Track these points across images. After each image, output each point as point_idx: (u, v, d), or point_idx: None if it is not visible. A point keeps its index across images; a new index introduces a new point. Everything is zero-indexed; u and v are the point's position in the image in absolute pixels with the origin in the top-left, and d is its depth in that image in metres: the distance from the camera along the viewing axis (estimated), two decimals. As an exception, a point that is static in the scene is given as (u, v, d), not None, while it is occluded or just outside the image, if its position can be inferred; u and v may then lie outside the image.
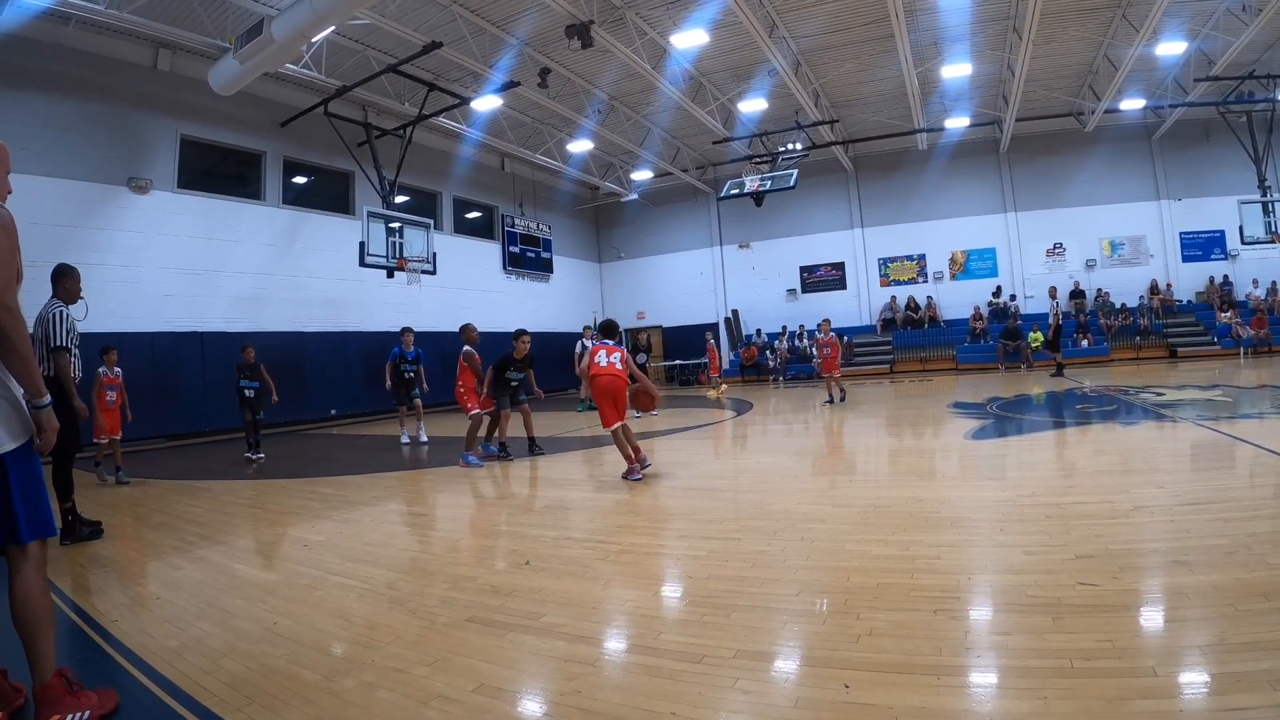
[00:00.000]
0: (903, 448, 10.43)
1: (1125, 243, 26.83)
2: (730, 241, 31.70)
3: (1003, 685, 2.89)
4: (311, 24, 13.47)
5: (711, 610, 3.92)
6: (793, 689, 2.99)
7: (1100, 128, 25.43)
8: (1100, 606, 3.56)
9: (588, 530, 6.02)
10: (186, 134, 17.67)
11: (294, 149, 20.10)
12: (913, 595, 3.92)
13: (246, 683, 3.32)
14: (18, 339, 2.89)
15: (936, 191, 28.51)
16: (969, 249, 28.48)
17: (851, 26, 18.58)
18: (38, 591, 2.98)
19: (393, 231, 18.72)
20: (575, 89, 20.93)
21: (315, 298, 20.09)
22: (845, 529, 5.46)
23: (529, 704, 3.10)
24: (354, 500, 8.17)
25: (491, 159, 27.34)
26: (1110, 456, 8.25)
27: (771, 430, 13.51)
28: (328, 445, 14.75)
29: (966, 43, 19.54)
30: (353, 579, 4.97)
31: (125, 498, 9.10)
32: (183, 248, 17.17)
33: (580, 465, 10.42)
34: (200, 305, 17.40)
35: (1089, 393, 15.10)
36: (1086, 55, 21.11)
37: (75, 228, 14.70)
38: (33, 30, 14.34)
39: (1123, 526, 5.02)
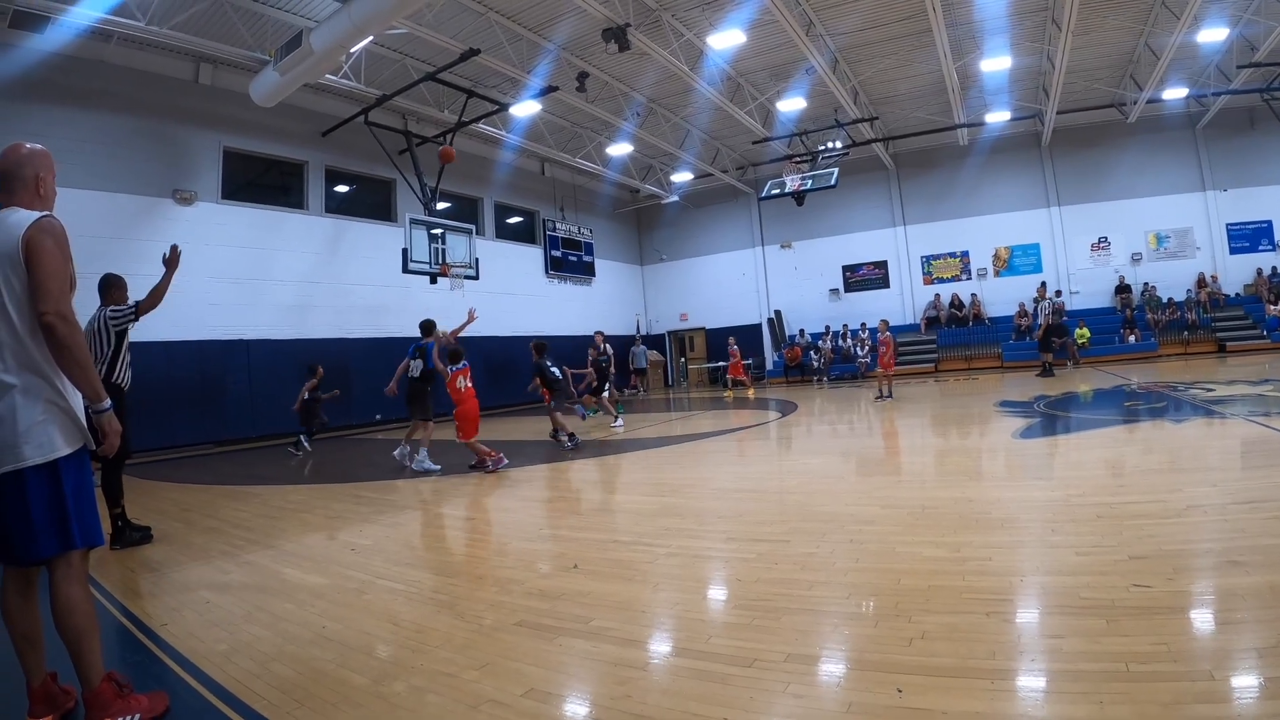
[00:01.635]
0: (950, 447, 10.28)
1: (1171, 235, 26.17)
2: (772, 242, 31.50)
3: (1057, 689, 2.83)
4: (350, 35, 13.60)
5: (762, 613, 3.88)
6: (845, 693, 2.94)
7: (1142, 118, 24.81)
8: (1155, 608, 3.49)
9: (635, 533, 5.95)
10: (229, 146, 17.91)
11: (336, 158, 20.29)
12: (965, 598, 3.86)
13: (296, 686, 3.33)
14: (76, 347, 2.91)
15: (978, 187, 28.10)
16: (1012, 245, 27.99)
17: (889, 22, 18.38)
18: (80, 599, 3.00)
19: (435, 238, 18.92)
20: (613, 92, 20.92)
21: (359, 304, 20.27)
22: (895, 530, 5.40)
23: (579, 708, 3.06)
24: (400, 504, 8.20)
25: (531, 164, 27.44)
26: (1160, 455, 8.08)
27: (817, 431, 13.39)
28: (373, 450, 14.83)
29: (1005, 35, 19.21)
30: (400, 583, 4.98)
31: (173, 502, 9.20)
32: (228, 257, 17.42)
33: (626, 468, 10.37)
34: (246, 313, 17.64)
35: (1137, 390, 14.80)
36: (1127, 45, 20.67)
37: (121, 239, 14.93)
38: (74, 48, 14.66)
39: (1176, 526, 4.91)
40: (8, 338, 2.88)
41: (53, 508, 2.92)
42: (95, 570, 4.90)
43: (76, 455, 3.01)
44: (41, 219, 2.97)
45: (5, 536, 2.95)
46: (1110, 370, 20.40)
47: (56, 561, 2.96)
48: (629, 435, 13.81)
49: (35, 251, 2.88)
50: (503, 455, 9.71)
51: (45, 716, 3.00)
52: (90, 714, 2.93)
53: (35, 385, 2.91)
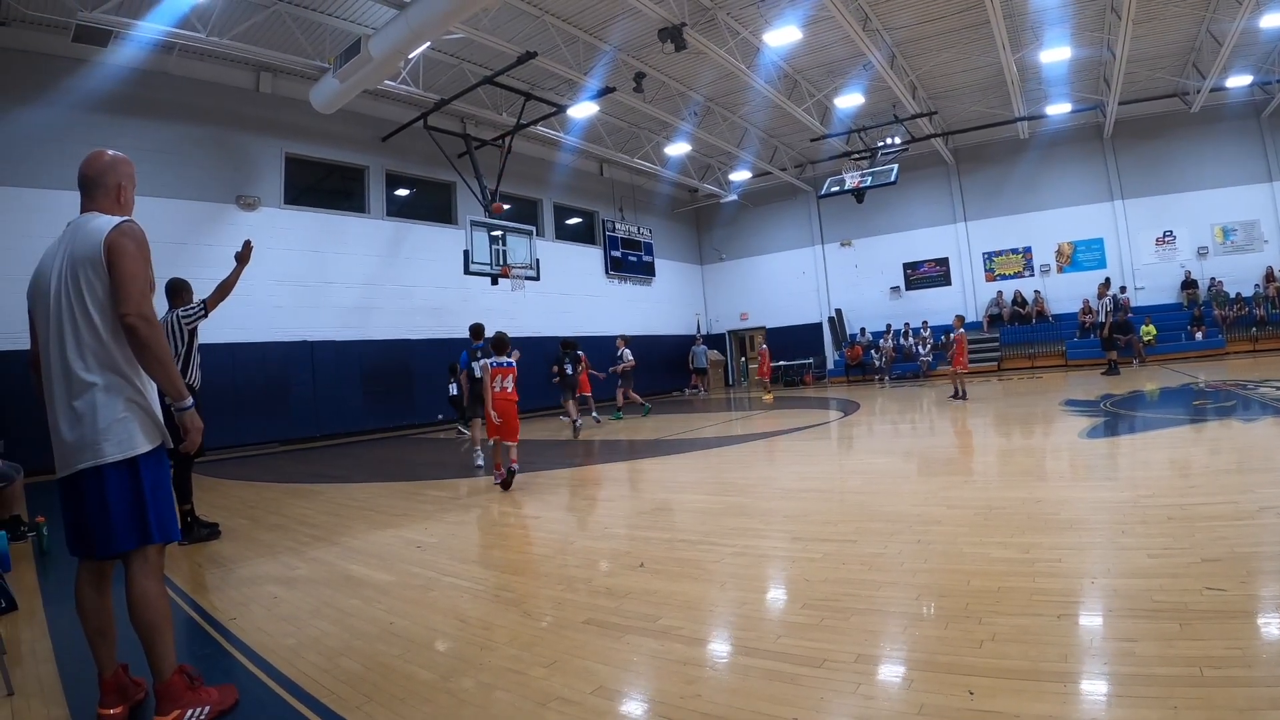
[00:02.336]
0: (1015, 447, 10.06)
1: (1238, 228, 25.20)
2: (831, 240, 31.21)
3: (1130, 693, 2.76)
4: (407, 41, 13.77)
5: (830, 613, 3.83)
6: (916, 694, 2.89)
7: (1206, 107, 23.95)
8: (1229, 612, 3.39)
9: (700, 532, 5.90)
10: (291, 152, 18.30)
11: (395, 162, 20.59)
12: (1035, 599, 3.79)
13: (364, 681, 3.35)
14: (157, 346, 2.96)
15: (1039, 181, 27.49)
16: (1075, 240, 27.30)
17: (946, 15, 18.10)
18: (155, 593, 3.04)
19: (495, 239, 19.07)
20: (670, 92, 20.90)
21: (420, 306, 20.55)
22: (962, 531, 5.29)
23: (648, 706, 3.04)
24: (464, 503, 8.24)
25: (590, 165, 27.55)
26: (1230, 455, 7.82)
27: (879, 430, 13.21)
28: (435, 449, 14.97)
29: (1064, 25, 18.82)
30: (466, 580, 5.01)
31: (240, 500, 9.35)
32: (291, 261, 17.76)
33: (688, 467, 10.32)
34: (309, 315, 17.96)
35: (1205, 388, 14.37)
36: (1188, 32, 20.05)
37: (188, 244, 15.30)
38: (138, 60, 15.10)
39: (1249, 528, 4.74)
40: (89, 338, 2.94)
41: (131, 503, 2.97)
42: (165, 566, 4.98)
43: (155, 453, 3.06)
44: (123, 223, 3.03)
45: (84, 530, 3.01)
46: (1177, 368, 19.87)
47: (133, 556, 3.01)
48: (691, 435, 13.77)
49: (117, 254, 2.93)
50: (504, 472, 8.82)
51: (116, 707, 3.04)
52: (161, 705, 2.96)
53: (116, 384, 2.96)
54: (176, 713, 2.94)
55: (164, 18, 13.31)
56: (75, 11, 12.58)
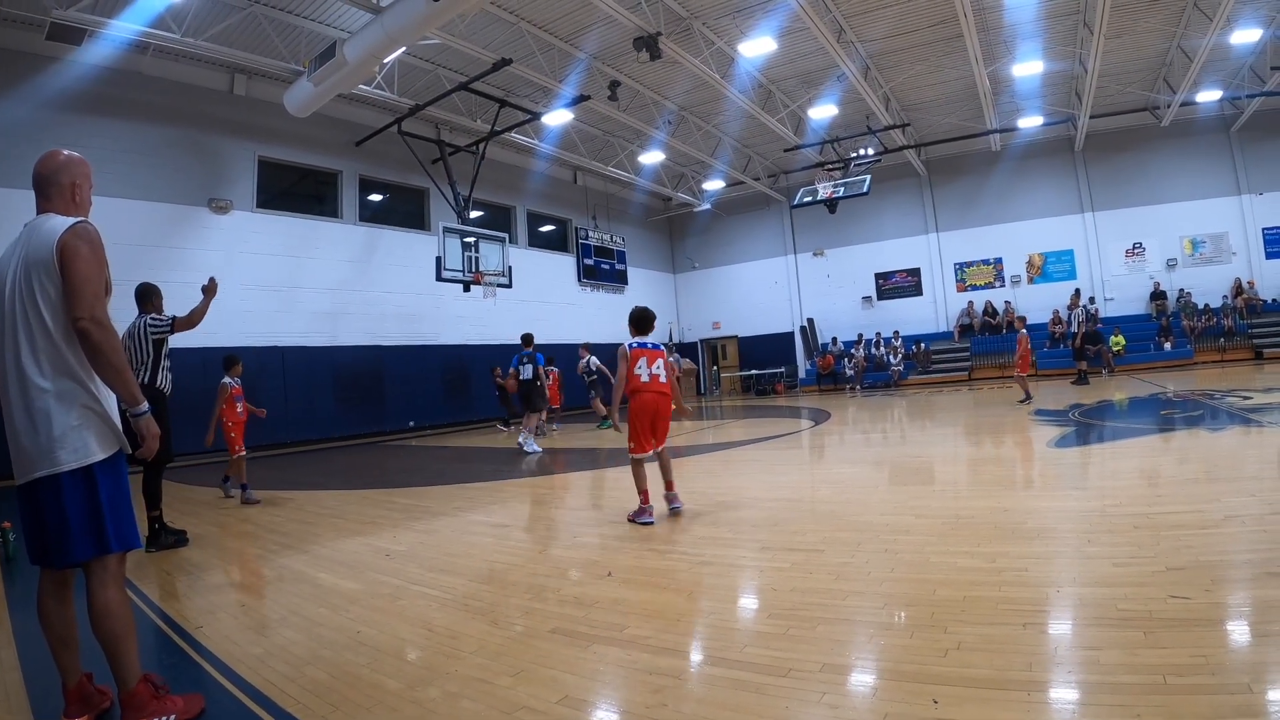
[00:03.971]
0: (984, 456, 10.16)
1: (1206, 240, 25.68)
2: (804, 249, 31.40)
3: (1094, 701, 2.79)
4: (383, 45, 13.75)
5: (797, 623, 3.86)
6: (880, 703, 2.92)
7: (1176, 121, 24.47)
8: (1193, 620, 3.45)
9: (669, 542, 5.93)
10: (264, 155, 18.21)
11: (369, 167, 20.53)
12: (1001, 608, 3.83)
13: (330, 690, 3.34)
14: (110, 351, 2.92)
15: (1011, 193, 27.87)
16: (1046, 251, 27.70)
17: (919, 28, 18.30)
18: (118, 603, 3.02)
19: (468, 246, 19.04)
20: (645, 101, 20.99)
21: (392, 312, 20.47)
22: (930, 540, 5.34)
23: (613, 716, 3.07)
24: (435, 511, 8.21)
25: (564, 172, 27.58)
26: (1197, 464, 7.93)
27: (850, 440, 13.29)
28: (407, 456, 14.92)
29: (1037, 39, 19.11)
30: (435, 589, 4.99)
31: (209, 507, 9.28)
32: (263, 265, 17.65)
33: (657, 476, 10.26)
34: (281, 321, 17.84)
35: (1173, 398, 14.57)
36: (1159, 47, 20.41)
37: (158, 247, 15.20)
38: (111, 60, 14.95)
39: (1214, 537, 4.83)
40: (43, 343, 2.90)
41: (88, 512, 2.93)
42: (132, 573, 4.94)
43: (112, 460, 3.02)
44: (76, 224, 2.99)
45: (42, 540, 2.98)
46: (1145, 378, 20.15)
47: (93, 565, 2.98)
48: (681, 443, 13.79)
49: (70, 257, 2.90)
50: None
51: (81, 716, 3.02)
52: (126, 714, 2.94)
53: (70, 390, 2.92)
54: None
55: (138, 17, 13.20)
56: (50, 9, 12.43)
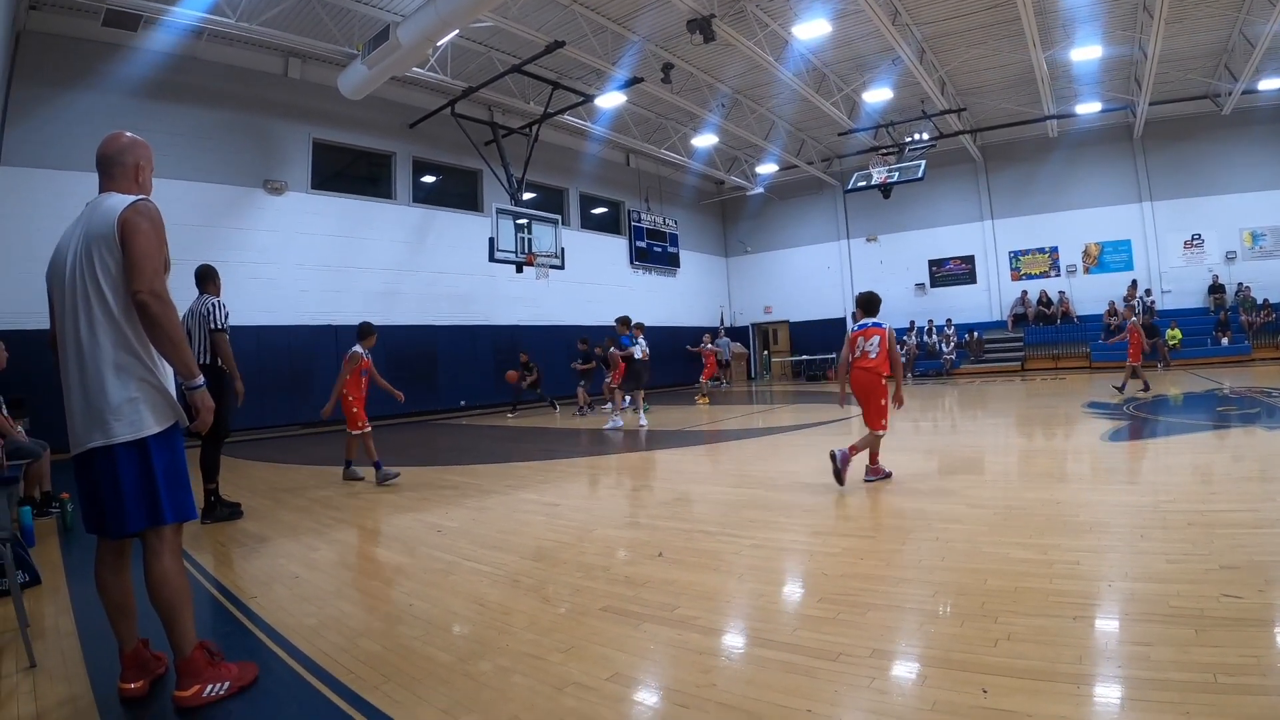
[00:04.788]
0: (1037, 448, 10.00)
1: (1267, 233, 24.77)
2: (857, 235, 31.06)
3: (1143, 697, 2.76)
4: (436, 28, 13.80)
5: (847, 608, 3.85)
6: (929, 691, 2.91)
7: (1238, 110, 23.58)
8: (1245, 620, 3.39)
9: (719, 524, 5.92)
10: (318, 137, 18.39)
11: (423, 149, 20.66)
12: (1052, 601, 3.80)
13: (383, 661, 3.38)
14: (169, 324, 2.95)
15: (1068, 181, 27.20)
16: (1103, 241, 26.98)
17: (976, 11, 17.91)
18: (174, 573, 3.07)
19: (521, 228, 19.13)
20: (698, 83, 20.84)
21: (445, 292, 20.65)
22: (981, 530, 5.29)
23: (663, 694, 3.04)
24: (486, 488, 8.26)
25: (616, 155, 27.53)
26: (1252, 462, 7.72)
27: (900, 428, 13.05)
28: (458, 434, 15.07)
29: (1096, 23, 18.60)
30: (486, 565, 5.03)
31: (263, 481, 9.42)
32: (317, 245, 17.90)
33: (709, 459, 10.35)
34: (335, 300, 18.06)
35: (1229, 394, 14.20)
36: (1221, 33, 19.76)
37: (215, 228, 15.46)
38: (167, 45, 15.16)
39: (1269, 537, 4.73)
40: (102, 316, 2.94)
41: (143, 484, 2.98)
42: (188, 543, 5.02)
43: (168, 433, 3.06)
44: (137, 202, 3.03)
45: (98, 510, 3.04)
46: (1201, 373, 19.67)
47: (149, 535, 3.04)
48: (712, 427, 13.78)
49: (131, 232, 2.94)
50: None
51: (137, 681, 3.08)
52: (181, 680, 2.99)
53: (127, 363, 2.97)
54: (196, 687, 2.97)
55: (194, 3, 13.43)
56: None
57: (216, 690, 3.01)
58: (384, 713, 2.87)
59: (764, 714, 2.75)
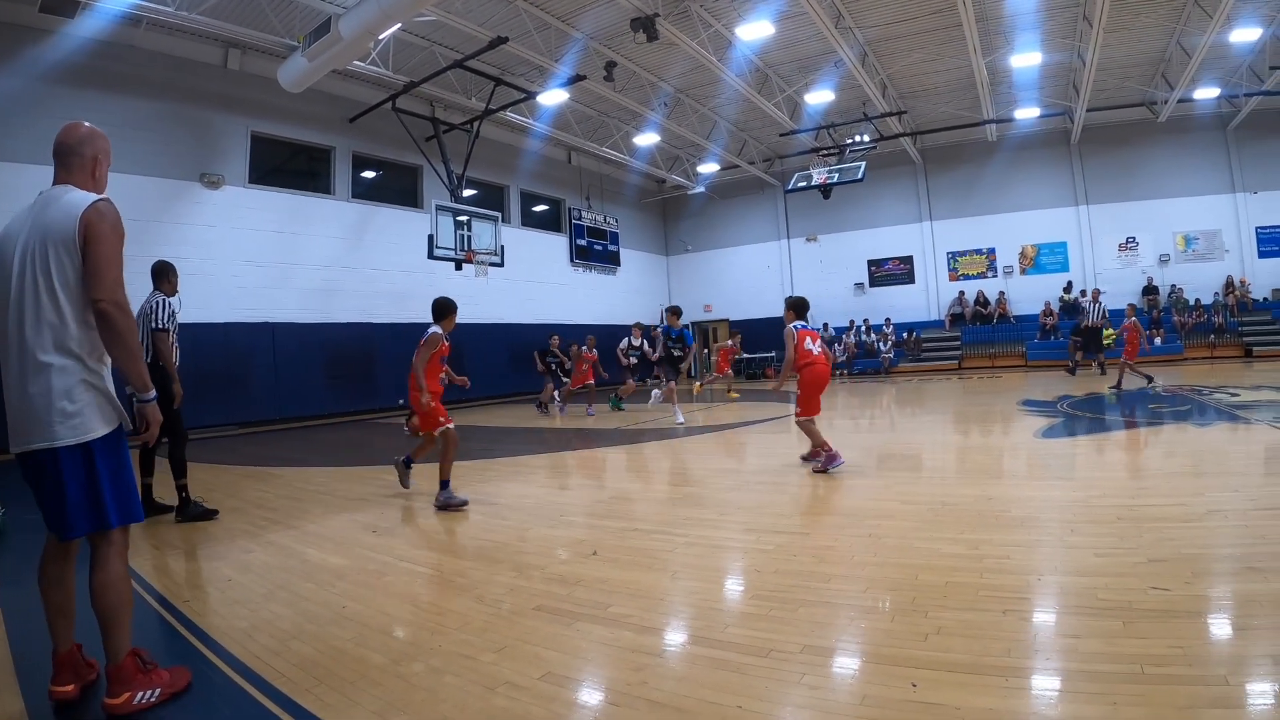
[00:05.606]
0: (971, 445, 10.23)
1: (1199, 237, 25.77)
2: (797, 235, 31.38)
3: (1071, 689, 2.84)
4: (378, 21, 13.64)
5: (779, 604, 3.91)
6: (859, 685, 2.98)
7: (1173, 118, 24.41)
8: (1172, 612, 3.49)
9: (655, 522, 5.98)
10: (257, 131, 18.06)
11: (363, 144, 20.40)
12: (982, 595, 3.88)
13: (315, 664, 3.37)
14: (129, 334, 2.94)
15: (1006, 184, 27.87)
16: (1039, 243, 27.73)
17: (919, 16, 18.26)
18: (119, 577, 3.04)
19: (461, 224, 19.01)
20: (641, 82, 20.90)
21: (384, 290, 20.39)
22: (913, 526, 5.39)
23: (595, 693, 3.08)
24: (421, 489, 8.21)
25: (558, 152, 27.43)
26: (1183, 458, 8.00)
27: (838, 425, 13.27)
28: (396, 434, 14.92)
29: (1036, 31, 19.04)
30: (421, 565, 5.06)
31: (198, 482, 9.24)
32: (255, 241, 17.58)
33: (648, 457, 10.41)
34: (272, 297, 17.78)
35: (1161, 392, 14.65)
36: (1159, 43, 20.38)
37: (151, 221, 15.08)
38: (105, 33, 14.78)
39: (1196, 530, 4.89)
40: (51, 317, 2.88)
41: (87, 488, 2.94)
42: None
43: (112, 436, 3.02)
44: (99, 202, 2.98)
45: (44, 510, 3.01)
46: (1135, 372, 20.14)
47: (96, 539, 3.00)
48: (651, 425, 13.86)
49: (94, 237, 2.89)
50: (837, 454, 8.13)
51: (68, 685, 3.04)
52: (112, 687, 2.96)
53: (72, 366, 2.91)
54: (127, 694, 2.94)
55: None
56: (44, -19, 12.34)
57: (148, 697, 2.98)
58: (316, 716, 2.87)
59: (695, 711, 2.78)
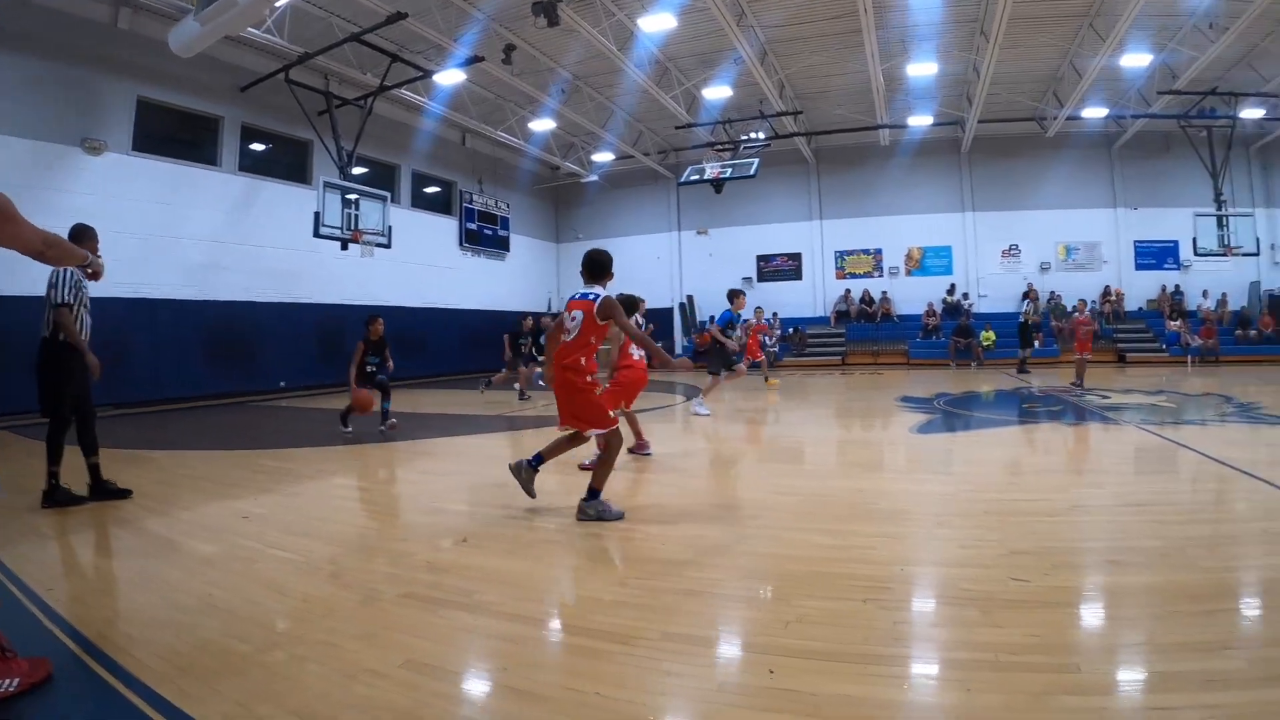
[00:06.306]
0: (848, 439, 10.58)
1: (1080, 247, 27.46)
2: (688, 227, 31.77)
3: (928, 676, 2.98)
4: (276, -14, 13.21)
5: (645, 592, 4.01)
6: (718, 673, 3.05)
7: (1062, 134, 25.83)
8: (1031, 602, 3.66)
9: (528, 510, 6.03)
10: (144, 96, 17.22)
11: (253, 115, 19.71)
12: (845, 584, 4.01)
13: (179, 654, 3.32)
14: None
15: (896, 188, 28.82)
16: (925, 246, 28.91)
17: (820, 19, 18.66)
18: None
19: (349, 203, 18.55)
20: (540, 67, 20.81)
21: (268, 268, 19.77)
22: (786, 518, 5.57)
23: (455, 680, 3.13)
24: (300, 473, 8.15)
25: (452, 134, 26.99)
26: (1053, 456, 8.47)
27: (719, 415, 13.50)
28: (277, 417, 14.64)
29: (934, 42, 19.72)
30: (292, 552, 4.98)
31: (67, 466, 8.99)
32: (136, 212, 16.73)
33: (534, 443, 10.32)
34: (153, 271, 16.99)
35: (1036, 393, 15.36)
36: (1052, 62, 21.39)
37: (27, 188, 14.19)
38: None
39: (1060, 524, 5.17)
40: None
41: None
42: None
43: None
44: None
45: None
46: (1012, 372, 21.16)
47: None
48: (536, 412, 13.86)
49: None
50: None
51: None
52: (-33, 678, 2.88)
53: None
54: (-17, 684, 2.88)
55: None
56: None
57: (6, 687, 2.92)
58: (177, 707, 2.81)
59: (554, 698, 2.84)
